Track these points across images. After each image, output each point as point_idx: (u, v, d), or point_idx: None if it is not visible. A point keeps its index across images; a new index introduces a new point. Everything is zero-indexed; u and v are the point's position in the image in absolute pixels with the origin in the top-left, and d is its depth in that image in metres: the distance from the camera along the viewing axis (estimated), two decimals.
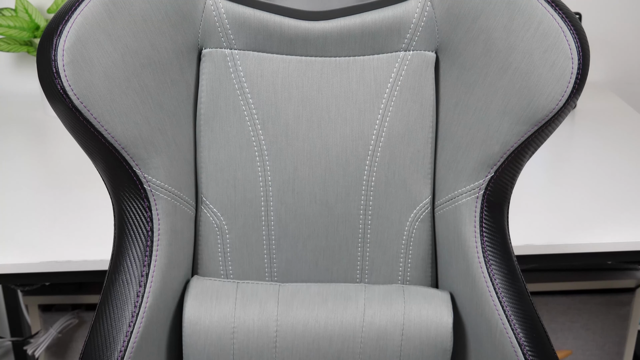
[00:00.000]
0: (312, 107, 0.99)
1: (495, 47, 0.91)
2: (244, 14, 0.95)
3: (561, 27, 0.86)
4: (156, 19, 0.89)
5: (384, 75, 0.98)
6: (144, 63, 0.88)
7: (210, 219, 1.02)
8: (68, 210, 1.33)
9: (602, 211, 1.36)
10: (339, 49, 0.97)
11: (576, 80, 0.86)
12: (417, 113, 0.99)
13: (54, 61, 0.81)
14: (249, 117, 0.99)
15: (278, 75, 0.98)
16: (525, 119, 0.90)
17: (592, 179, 1.49)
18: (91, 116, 0.84)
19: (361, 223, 1.03)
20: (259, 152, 1.00)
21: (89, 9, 0.83)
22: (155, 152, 0.92)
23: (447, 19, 0.95)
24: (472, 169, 0.96)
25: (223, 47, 0.97)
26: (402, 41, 0.97)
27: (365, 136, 1.00)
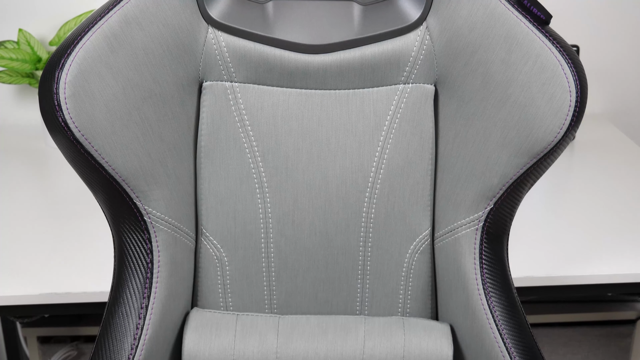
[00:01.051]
0: (312, 139, 0.99)
1: (493, 80, 0.91)
2: (244, 47, 0.96)
3: (559, 60, 0.87)
4: (157, 53, 0.90)
5: (383, 107, 0.99)
6: (145, 96, 0.89)
7: (210, 251, 1.02)
8: (68, 241, 1.33)
9: (602, 242, 1.36)
10: (339, 82, 0.98)
11: (574, 112, 0.87)
12: (416, 145, 1.00)
13: (55, 94, 0.81)
14: (249, 149, 0.99)
15: (278, 107, 0.98)
16: (524, 151, 0.90)
17: (592, 210, 1.49)
18: (92, 148, 0.84)
19: (361, 255, 1.03)
20: (259, 184, 1.00)
21: (90, 43, 0.84)
22: (156, 184, 0.92)
23: (445, 52, 0.96)
24: (471, 200, 0.97)
25: (224, 80, 0.98)
26: (402, 74, 0.98)
27: (365, 168, 1.00)
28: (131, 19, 0.87)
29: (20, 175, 1.65)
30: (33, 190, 1.59)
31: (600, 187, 1.60)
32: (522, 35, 0.89)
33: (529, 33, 0.88)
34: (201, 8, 0.94)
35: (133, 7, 0.87)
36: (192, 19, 0.93)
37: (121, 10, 0.86)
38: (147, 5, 0.88)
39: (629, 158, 1.76)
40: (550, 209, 1.51)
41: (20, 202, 1.50)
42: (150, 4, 0.88)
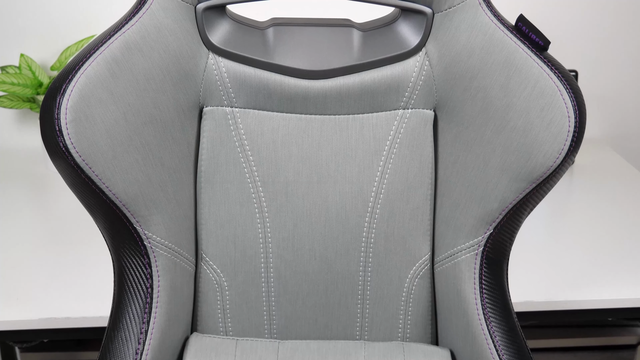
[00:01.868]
0: (312, 164, 1.00)
1: (492, 106, 0.92)
2: (244, 72, 0.96)
3: (557, 86, 0.87)
4: (158, 78, 0.90)
5: (383, 132, 0.99)
6: (145, 121, 0.89)
7: (210, 276, 1.02)
8: (67, 266, 1.33)
9: (602, 267, 1.36)
10: (339, 107, 0.98)
11: (573, 138, 0.87)
12: (416, 170, 1.00)
13: (57, 119, 0.82)
14: (249, 174, 1.00)
15: (278, 132, 0.99)
16: (524, 176, 0.90)
17: (591, 234, 1.49)
18: (93, 173, 0.84)
19: (361, 280, 1.03)
20: (259, 209, 1.00)
21: (92, 69, 0.84)
22: (156, 209, 0.92)
23: (445, 78, 0.96)
24: (471, 225, 0.97)
25: (224, 105, 0.98)
26: (401, 99, 0.98)
27: (365, 193, 1.00)
28: (132, 45, 0.87)
29: (21, 199, 1.65)
30: (33, 214, 1.59)
31: (599, 211, 1.60)
32: (520, 61, 0.89)
33: (528, 59, 0.89)
34: (202, 34, 0.94)
35: (134, 34, 0.88)
36: (193, 45, 0.94)
37: (122, 37, 0.87)
38: (149, 31, 0.89)
39: (628, 182, 1.77)
40: (550, 234, 1.51)
41: (20, 226, 1.50)
42: (151, 30, 0.89)
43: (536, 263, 1.37)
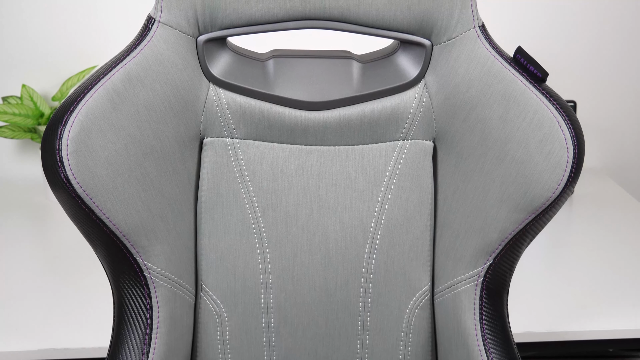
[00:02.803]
0: (312, 195, 1.00)
1: (491, 137, 0.92)
2: (245, 104, 0.97)
3: (556, 117, 0.88)
4: (159, 109, 0.91)
5: (382, 163, 1.00)
6: (146, 152, 0.90)
7: (209, 307, 1.02)
8: (67, 296, 1.33)
9: (603, 297, 1.36)
10: (338, 138, 0.99)
11: (572, 169, 0.88)
12: (415, 201, 1.00)
13: (58, 150, 0.82)
14: (249, 205, 1.00)
15: (278, 163, 0.99)
16: (523, 207, 0.91)
17: (591, 264, 1.49)
18: (93, 204, 0.85)
19: (361, 310, 1.03)
20: (259, 239, 1.00)
21: (93, 100, 0.85)
22: (156, 239, 0.92)
23: (444, 109, 0.97)
24: (470, 256, 0.97)
25: (224, 137, 0.99)
26: (400, 130, 0.99)
27: (365, 224, 1.00)
28: (134, 77, 0.88)
29: (21, 230, 1.65)
30: (33, 244, 1.59)
31: (599, 241, 1.60)
32: (519, 93, 0.90)
33: (526, 90, 0.90)
34: (203, 66, 0.95)
35: (136, 65, 0.89)
36: (194, 77, 0.94)
37: (124, 68, 0.88)
38: (150, 63, 0.90)
39: (627, 212, 1.77)
40: (549, 264, 1.51)
41: (20, 256, 1.50)
42: (152, 62, 0.90)
43: (536, 293, 1.37)
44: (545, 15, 2.00)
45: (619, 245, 1.58)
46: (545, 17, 2.00)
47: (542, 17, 2.00)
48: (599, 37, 2.03)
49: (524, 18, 2.00)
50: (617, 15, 2.02)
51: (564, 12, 2.00)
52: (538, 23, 2.01)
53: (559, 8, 2.00)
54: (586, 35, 2.02)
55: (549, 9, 2.00)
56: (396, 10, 0.91)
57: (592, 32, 2.02)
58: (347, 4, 0.91)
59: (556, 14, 2.00)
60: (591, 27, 2.02)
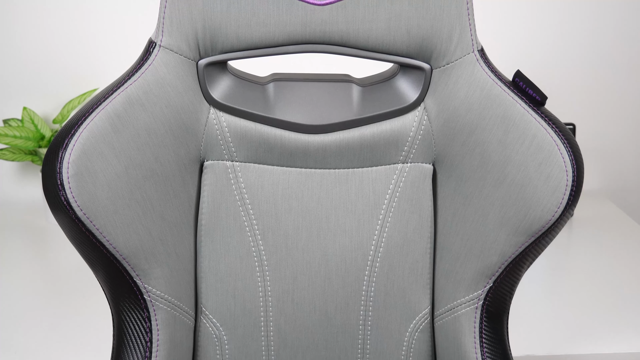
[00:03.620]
0: (312, 217, 1.00)
1: (491, 160, 0.92)
2: (245, 127, 0.97)
3: (555, 141, 0.88)
4: (160, 133, 0.91)
5: (382, 186, 1.00)
6: (146, 175, 0.90)
7: (209, 330, 1.02)
8: (67, 319, 1.33)
9: (603, 320, 1.36)
10: (338, 161, 0.99)
11: (571, 192, 0.88)
12: (415, 224, 1.01)
13: (58, 173, 0.82)
14: (249, 227, 1.00)
15: (278, 186, 0.99)
16: (523, 230, 0.91)
17: (592, 287, 1.49)
18: (94, 227, 0.85)
19: (360, 333, 1.03)
20: (259, 262, 1.00)
21: (94, 124, 0.85)
22: (156, 262, 0.92)
23: (443, 132, 0.97)
24: (470, 279, 0.97)
25: (225, 160, 0.99)
26: (400, 154, 0.99)
27: (364, 247, 1.00)
28: (135, 100, 0.89)
29: (21, 251, 1.65)
30: (33, 266, 1.59)
31: (599, 264, 1.60)
32: (518, 116, 0.90)
33: (525, 114, 0.90)
34: (203, 89, 0.96)
35: (137, 89, 0.89)
36: (195, 100, 0.95)
37: (125, 92, 0.88)
38: (151, 87, 0.90)
39: (627, 235, 1.77)
40: (549, 287, 1.51)
41: (20, 278, 1.50)
42: (153, 86, 0.90)
43: (536, 316, 1.37)
44: (543, 38, 2.01)
45: (619, 267, 1.58)
46: (543, 40, 2.01)
47: (540, 40, 2.01)
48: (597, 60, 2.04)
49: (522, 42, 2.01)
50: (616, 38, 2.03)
51: (562, 35, 2.01)
52: (537, 47, 2.02)
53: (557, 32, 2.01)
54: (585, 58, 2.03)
55: (547, 33, 2.01)
56: (395, 35, 0.92)
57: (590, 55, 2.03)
58: (347, 29, 0.92)
59: (555, 38, 2.01)
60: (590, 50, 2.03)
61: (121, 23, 1.94)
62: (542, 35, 2.01)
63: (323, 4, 0.91)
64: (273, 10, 0.90)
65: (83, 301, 1.39)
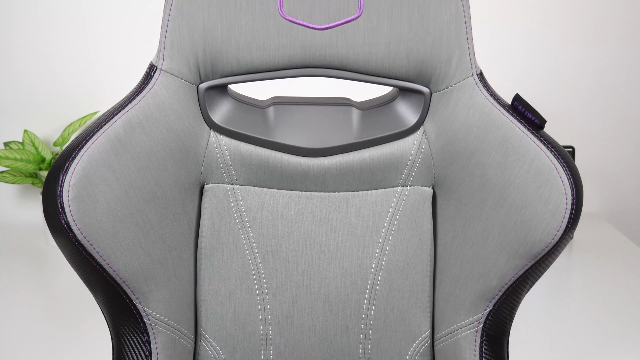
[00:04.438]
0: (312, 241, 1.00)
1: (490, 183, 0.93)
2: (245, 150, 0.97)
3: (554, 164, 0.89)
4: (160, 156, 0.91)
5: (382, 210, 1.00)
6: (147, 198, 0.90)
7: (209, 353, 1.02)
8: (66, 342, 1.32)
9: (604, 343, 1.35)
10: (338, 185, 0.99)
11: (571, 215, 0.88)
12: (415, 247, 1.01)
13: (59, 197, 0.83)
14: (249, 250, 1.00)
15: (278, 209, 1.00)
16: (522, 253, 0.91)
17: (592, 310, 1.49)
18: (94, 250, 0.85)
19: (361, 357, 1.02)
20: (259, 285, 1.00)
21: (95, 147, 0.85)
22: (156, 285, 0.92)
23: (443, 155, 0.97)
24: (470, 302, 0.97)
25: (225, 183, 0.99)
26: (400, 177, 0.99)
27: (364, 270, 1.00)
28: (135, 124, 0.89)
29: (21, 274, 1.65)
30: (33, 289, 1.59)
31: (599, 287, 1.60)
32: (517, 140, 0.91)
33: (524, 137, 0.90)
34: (204, 113, 0.96)
35: (137, 113, 0.89)
36: (195, 123, 0.95)
37: (126, 115, 0.89)
38: (151, 110, 0.90)
39: (626, 257, 1.77)
40: (549, 310, 1.50)
41: (20, 300, 1.50)
42: (154, 110, 0.91)
43: (536, 340, 1.36)
44: (542, 62, 2.02)
45: (620, 290, 1.58)
46: (543, 64, 2.02)
47: (539, 64, 2.02)
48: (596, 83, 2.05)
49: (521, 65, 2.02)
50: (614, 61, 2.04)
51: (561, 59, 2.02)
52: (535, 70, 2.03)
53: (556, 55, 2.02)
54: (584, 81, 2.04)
55: (546, 57, 2.02)
56: (395, 59, 0.93)
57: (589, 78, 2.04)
58: (346, 53, 0.92)
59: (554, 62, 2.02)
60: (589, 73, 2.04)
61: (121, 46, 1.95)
62: (541, 59, 2.02)
63: (323, 28, 0.91)
64: (273, 35, 0.91)
65: (82, 324, 1.38)
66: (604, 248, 1.83)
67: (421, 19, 0.91)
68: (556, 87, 2.03)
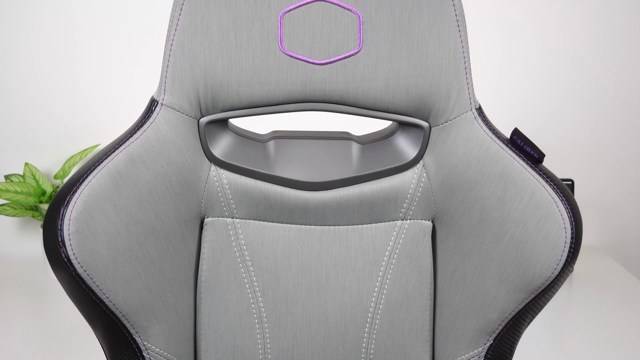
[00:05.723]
0: (312, 274, 1.00)
1: (490, 217, 0.93)
2: (245, 184, 0.98)
3: (553, 198, 0.89)
4: (161, 190, 0.92)
5: (382, 243, 1.00)
6: (147, 232, 0.90)
7: None
8: None
9: None
10: (338, 218, 0.99)
11: (570, 249, 0.88)
12: (415, 280, 1.01)
13: (60, 230, 0.83)
14: (249, 284, 1.00)
15: (278, 243, 1.00)
16: (522, 287, 0.91)
17: (593, 344, 1.48)
18: (94, 284, 0.85)
19: None
20: (259, 319, 1.00)
21: (96, 181, 0.86)
22: (156, 319, 0.92)
23: (442, 189, 0.98)
24: (470, 336, 0.96)
25: (225, 216, 0.99)
26: (399, 210, 1.00)
27: (364, 304, 1.00)
28: (136, 158, 0.89)
29: (20, 307, 1.65)
30: (32, 322, 1.58)
31: (599, 320, 1.59)
32: (516, 174, 0.91)
33: (523, 171, 0.91)
34: (204, 147, 0.97)
35: (138, 147, 0.90)
36: (196, 158, 0.96)
37: (127, 150, 0.89)
38: (152, 144, 0.91)
39: (627, 290, 1.76)
40: (550, 344, 1.50)
41: (18, 334, 1.49)
42: (155, 144, 0.91)
43: None
44: (541, 96, 2.04)
45: (620, 324, 1.57)
46: (541, 98, 2.04)
47: (538, 98, 2.04)
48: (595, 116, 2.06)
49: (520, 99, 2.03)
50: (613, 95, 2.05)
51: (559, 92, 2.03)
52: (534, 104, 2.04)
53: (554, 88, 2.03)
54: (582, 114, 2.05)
55: (544, 90, 2.03)
56: (394, 93, 0.93)
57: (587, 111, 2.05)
58: (346, 87, 0.93)
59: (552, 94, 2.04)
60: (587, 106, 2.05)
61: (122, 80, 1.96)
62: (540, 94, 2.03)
63: (323, 63, 0.92)
64: (274, 70, 0.92)
65: (81, 358, 1.38)
66: (604, 281, 1.82)
67: (420, 55, 0.92)
68: (555, 120, 2.04)
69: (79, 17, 1.92)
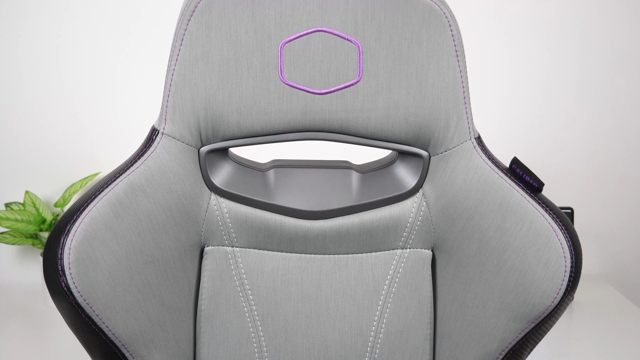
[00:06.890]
0: (311, 303, 1.00)
1: (489, 246, 0.93)
2: (245, 213, 0.98)
3: (552, 227, 0.89)
4: (161, 219, 0.92)
5: (381, 272, 1.00)
6: (147, 260, 0.90)
7: None
8: None
9: None
10: (338, 247, 0.99)
11: (570, 277, 0.88)
12: (415, 309, 1.00)
13: (60, 259, 0.83)
14: (249, 313, 1.00)
15: (278, 272, 1.00)
16: (522, 316, 0.91)
17: None
18: (93, 313, 0.85)
19: None
20: (258, 348, 1.00)
21: (96, 209, 0.86)
22: (155, 348, 0.92)
23: (442, 218, 0.98)
24: None
25: (225, 245, 0.99)
26: (399, 239, 1.00)
27: (364, 333, 1.00)
28: (137, 187, 0.90)
29: (19, 335, 1.64)
30: (31, 351, 1.57)
31: (600, 349, 1.59)
32: (515, 203, 0.91)
33: (522, 200, 0.91)
34: (205, 176, 0.97)
35: (139, 176, 0.90)
36: (196, 187, 0.96)
37: (127, 179, 0.90)
38: (153, 173, 0.91)
39: (627, 319, 1.76)
40: None
41: None
42: (155, 173, 0.91)
43: None
44: (540, 125, 2.04)
45: (621, 353, 1.56)
46: (540, 126, 2.04)
47: (537, 127, 2.04)
48: (594, 144, 2.06)
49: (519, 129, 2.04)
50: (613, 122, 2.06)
51: (558, 121, 2.04)
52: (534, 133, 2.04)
53: (554, 118, 2.04)
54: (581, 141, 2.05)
55: (543, 118, 2.04)
56: (394, 123, 0.94)
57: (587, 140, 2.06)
58: (346, 117, 0.93)
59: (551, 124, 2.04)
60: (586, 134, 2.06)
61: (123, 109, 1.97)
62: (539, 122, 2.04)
63: (323, 92, 0.93)
64: (274, 99, 0.92)
65: None
66: (605, 310, 1.81)
67: (419, 85, 0.93)
68: (554, 149, 2.04)
69: (80, 45, 1.94)
